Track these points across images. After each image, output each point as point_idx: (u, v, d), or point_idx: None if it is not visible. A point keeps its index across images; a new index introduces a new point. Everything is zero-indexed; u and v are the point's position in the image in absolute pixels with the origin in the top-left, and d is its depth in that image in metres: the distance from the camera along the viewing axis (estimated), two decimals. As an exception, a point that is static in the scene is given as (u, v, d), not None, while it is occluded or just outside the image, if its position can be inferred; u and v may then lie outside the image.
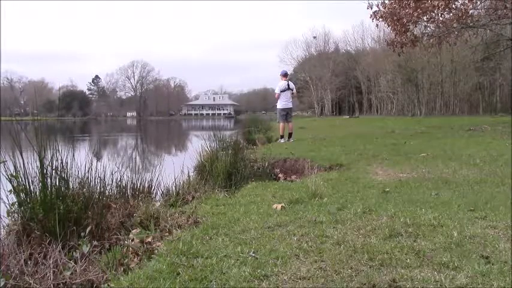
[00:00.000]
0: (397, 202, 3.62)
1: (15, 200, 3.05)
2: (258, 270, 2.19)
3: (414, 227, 2.83)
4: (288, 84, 10.86)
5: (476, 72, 35.76)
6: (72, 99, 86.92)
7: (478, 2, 14.64)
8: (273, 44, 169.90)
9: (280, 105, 10.91)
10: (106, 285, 2.30)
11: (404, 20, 13.55)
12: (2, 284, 2.26)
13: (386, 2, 14.08)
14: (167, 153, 15.08)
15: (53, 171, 3.07)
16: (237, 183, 5.29)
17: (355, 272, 2.15)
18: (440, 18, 14.00)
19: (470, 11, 14.01)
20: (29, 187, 3.03)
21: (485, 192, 3.97)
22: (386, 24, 14.76)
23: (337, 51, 57.39)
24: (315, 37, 55.47)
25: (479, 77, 36.28)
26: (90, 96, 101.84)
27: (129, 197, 4.06)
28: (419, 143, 8.84)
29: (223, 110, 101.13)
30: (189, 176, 5.35)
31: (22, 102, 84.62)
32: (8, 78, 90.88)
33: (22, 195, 3.03)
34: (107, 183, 3.61)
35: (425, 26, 15.58)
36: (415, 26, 14.73)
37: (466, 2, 13.51)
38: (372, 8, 14.37)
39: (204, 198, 4.32)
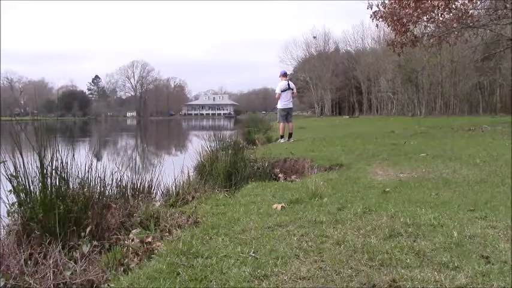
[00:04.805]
0: (397, 202, 3.62)
1: (15, 200, 3.04)
2: (258, 270, 2.19)
3: (414, 227, 2.83)
4: (289, 84, 10.86)
5: (476, 72, 35.72)
6: (72, 99, 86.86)
7: (478, 2, 14.65)
8: (273, 44, 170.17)
9: (280, 105, 10.90)
10: (106, 285, 2.30)
11: (404, 20, 13.55)
12: (2, 284, 2.26)
13: (386, 2, 14.09)
14: (167, 153, 15.08)
15: (53, 171, 3.06)
16: (237, 183, 5.29)
17: (355, 272, 2.15)
18: (440, 18, 14.00)
19: (470, 11, 14.01)
20: (29, 187, 3.02)
21: (485, 192, 3.97)
22: (386, 24, 14.76)
23: (337, 51, 57.37)
24: (315, 37, 55.49)
25: (479, 77, 36.23)
26: (90, 96, 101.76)
27: (129, 197, 4.05)
28: (419, 143, 8.84)
29: (223, 110, 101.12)
30: (189, 176, 5.34)
31: (22, 102, 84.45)
32: (8, 78, 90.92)
33: (22, 195, 3.02)
34: (107, 183, 3.60)
35: (425, 26, 15.59)
36: (415, 26, 14.73)
37: (466, 2, 13.51)
38: (371, 8, 14.38)
39: (204, 198, 4.32)
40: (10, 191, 3.03)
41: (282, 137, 10.90)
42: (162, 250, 2.63)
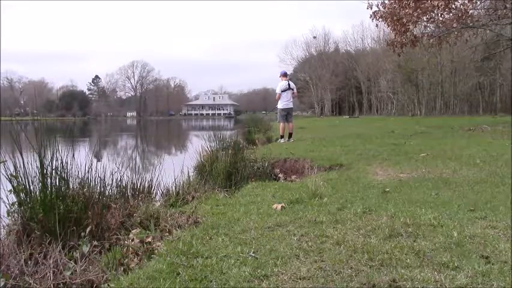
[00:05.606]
0: (397, 202, 3.62)
1: (15, 200, 3.04)
2: (258, 270, 2.19)
3: (414, 227, 2.83)
4: (289, 84, 10.86)
5: (476, 72, 35.76)
6: (72, 99, 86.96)
7: (478, 2, 14.66)
8: (273, 44, 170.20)
9: (281, 105, 10.90)
10: (106, 285, 2.30)
11: (404, 20, 13.57)
12: (2, 284, 2.26)
13: (386, 2, 14.11)
14: (167, 153, 15.08)
15: (53, 171, 3.06)
16: (237, 183, 5.28)
17: (355, 272, 2.15)
18: (440, 18, 14.02)
19: (470, 11, 14.02)
20: (29, 187, 3.02)
21: (485, 192, 3.97)
22: (386, 24, 14.79)
23: (337, 51, 57.39)
24: (315, 37, 55.56)
25: (479, 77, 36.27)
26: (90, 96, 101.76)
27: (129, 197, 4.05)
28: (419, 143, 8.84)
29: (223, 110, 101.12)
30: (189, 176, 5.34)
31: (22, 102, 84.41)
32: (8, 78, 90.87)
33: (22, 195, 3.02)
34: (107, 183, 3.60)
35: (425, 26, 15.61)
36: (415, 26, 14.75)
37: (466, 2, 13.53)
38: (371, 8, 14.41)
39: (204, 198, 4.32)
40: (10, 191, 3.03)
41: (282, 137, 10.90)
42: (162, 250, 2.63)
